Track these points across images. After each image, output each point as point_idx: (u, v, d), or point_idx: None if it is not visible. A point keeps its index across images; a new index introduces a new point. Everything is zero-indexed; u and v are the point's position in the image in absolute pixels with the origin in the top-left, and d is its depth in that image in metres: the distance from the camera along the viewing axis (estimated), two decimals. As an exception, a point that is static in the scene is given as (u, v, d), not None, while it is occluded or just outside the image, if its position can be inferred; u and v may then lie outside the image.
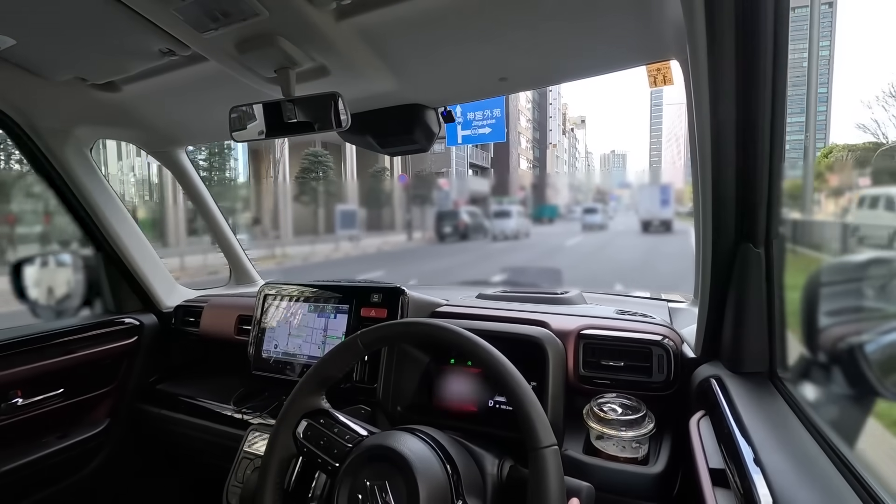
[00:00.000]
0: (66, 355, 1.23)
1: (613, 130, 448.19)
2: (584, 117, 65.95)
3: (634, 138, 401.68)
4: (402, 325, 0.70)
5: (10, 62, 0.92)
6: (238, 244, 1.72)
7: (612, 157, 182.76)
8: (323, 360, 0.69)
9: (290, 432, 0.67)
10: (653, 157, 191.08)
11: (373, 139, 1.16)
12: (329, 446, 0.65)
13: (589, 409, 0.85)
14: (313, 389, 0.69)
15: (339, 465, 0.63)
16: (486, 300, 1.29)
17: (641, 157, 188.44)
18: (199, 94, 1.08)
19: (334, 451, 0.64)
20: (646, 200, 20.49)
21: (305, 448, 0.66)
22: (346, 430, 0.66)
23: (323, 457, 0.65)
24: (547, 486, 0.52)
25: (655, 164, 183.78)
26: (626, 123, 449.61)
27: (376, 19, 0.76)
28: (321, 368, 0.69)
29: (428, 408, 0.95)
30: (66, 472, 1.25)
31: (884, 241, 1.24)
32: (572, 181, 42.31)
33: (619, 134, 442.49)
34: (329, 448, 0.65)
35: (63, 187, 1.27)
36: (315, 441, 0.66)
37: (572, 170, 55.57)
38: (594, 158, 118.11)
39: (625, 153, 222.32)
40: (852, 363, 0.70)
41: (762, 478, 0.50)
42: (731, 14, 0.56)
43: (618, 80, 31.43)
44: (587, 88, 33.26)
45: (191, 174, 1.53)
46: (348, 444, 0.64)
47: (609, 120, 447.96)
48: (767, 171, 0.64)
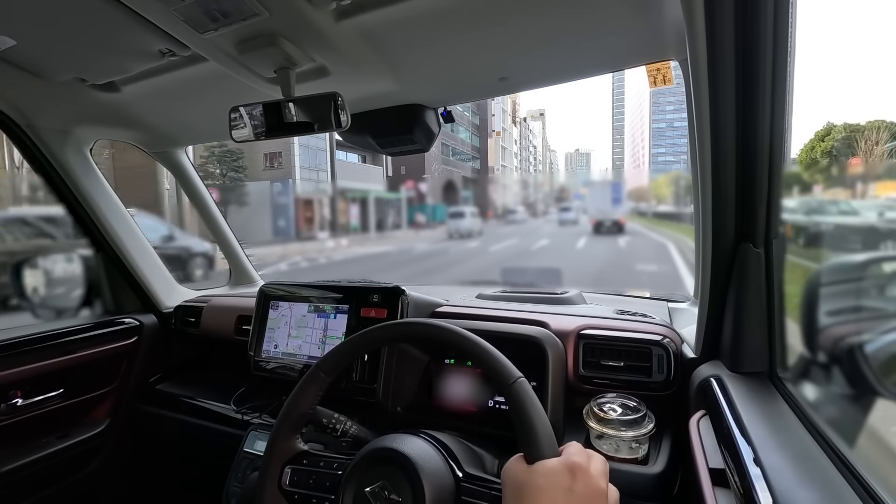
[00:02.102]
0: (65, 355, 1.23)
1: (577, 129, 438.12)
2: (543, 110, 64.28)
3: (598, 137, 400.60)
4: (357, 339, 0.67)
5: (10, 62, 0.92)
6: (238, 244, 1.72)
7: (576, 155, 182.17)
8: (289, 401, 0.66)
9: (275, 486, 0.64)
10: (616, 157, 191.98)
11: (373, 139, 1.16)
12: (320, 482, 0.64)
13: (589, 409, 0.85)
14: (288, 434, 0.66)
15: (341, 474, 0.62)
16: (485, 300, 1.29)
17: (605, 156, 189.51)
18: (198, 94, 1.08)
19: (326, 483, 0.63)
20: (597, 199, 19.56)
21: (296, 495, 0.64)
22: (333, 458, 0.65)
23: (317, 494, 0.64)
24: (528, 410, 0.54)
25: (618, 163, 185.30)
26: (590, 122, 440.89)
27: (376, 19, 0.76)
28: (290, 410, 0.66)
29: (428, 408, 0.95)
30: (66, 473, 1.25)
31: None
32: (524, 177, 39.85)
33: (582, 132, 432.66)
34: (321, 484, 0.64)
35: (63, 187, 1.27)
36: (304, 484, 0.64)
37: (525, 164, 52.34)
38: (558, 157, 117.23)
39: (589, 152, 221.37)
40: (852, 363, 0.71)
41: (762, 477, 0.50)
42: (731, 14, 0.56)
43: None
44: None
45: (191, 174, 1.53)
46: (338, 472, 0.63)
47: (573, 118, 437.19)
48: (767, 170, 0.64)
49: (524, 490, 0.48)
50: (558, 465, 0.49)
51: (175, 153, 1.47)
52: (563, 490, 0.47)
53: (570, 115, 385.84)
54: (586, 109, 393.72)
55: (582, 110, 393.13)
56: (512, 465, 0.52)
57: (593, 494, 0.48)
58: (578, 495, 0.47)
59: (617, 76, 31.28)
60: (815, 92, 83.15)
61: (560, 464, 0.49)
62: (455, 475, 0.61)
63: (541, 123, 65.77)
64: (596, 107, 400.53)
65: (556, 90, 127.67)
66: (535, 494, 0.47)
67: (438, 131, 1.19)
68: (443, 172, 25.91)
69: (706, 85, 0.61)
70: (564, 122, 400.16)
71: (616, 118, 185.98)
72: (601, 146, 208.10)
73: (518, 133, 48.06)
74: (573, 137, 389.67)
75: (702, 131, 0.65)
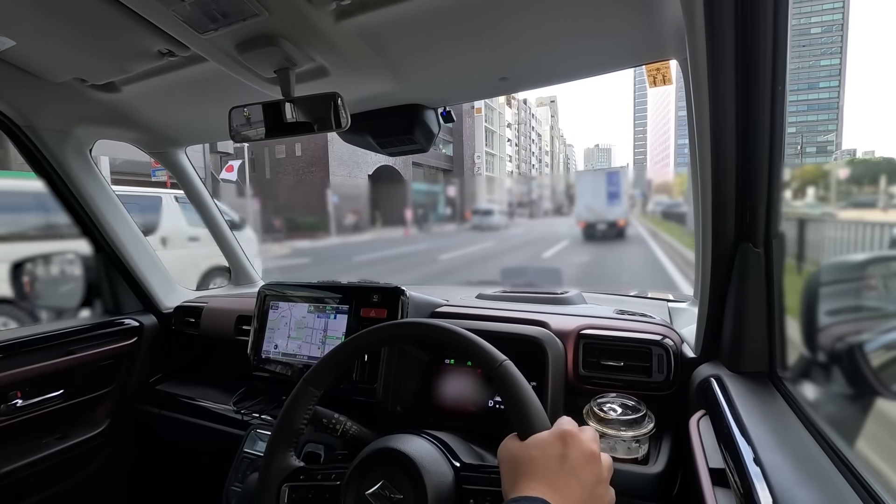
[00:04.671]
0: (65, 356, 1.23)
1: (598, 124, 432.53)
2: (555, 97, 60.57)
3: (619, 131, 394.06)
4: (342, 349, 0.68)
5: (9, 63, 0.92)
6: (238, 244, 1.72)
7: (596, 151, 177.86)
8: (280, 419, 0.66)
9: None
10: (637, 151, 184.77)
11: (372, 139, 1.16)
12: (319, 495, 0.63)
13: (589, 408, 0.85)
14: (283, 452, 0.66)
15: (340, 483, 0.62)
16: (485, 300, 1.29)
17: (626, 151, 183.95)
18: (198, 94, 1.08)
19: (326, 495, 0.63)
20: (587, 193, 13.52)
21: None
22: (330, 469, 0.65)
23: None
24: (516, 389, 0.56)
25: (640, 157, 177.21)
26: (611, 116, 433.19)
27: (376, 19, 0.76)
28: (282, 427, 0.66)
29: (427, 408, 0.95)
30: (66, 473, 1.25)
31: None
32: (522, 170, 33.34)
33: (603, 128, 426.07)
34: (320, 497, 0.63)
35: (62, 188, 1.27)
36: (303, 499, 0.64)
37: (527, 154, 44.29)
38: (576, 152, 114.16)
39: (610, 147, 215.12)
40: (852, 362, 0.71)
41: (762, 477, 0.50)
42: (731, 14, 0.56)
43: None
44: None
45: (191, 175, 1.53)
46: (336, 483, 0.63)
47: (593, 113, 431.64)
48: (767, 170, 0.64)
49: (520, 464, 0.50)
50: (549, 436, 0.51)
51: (175, 153, 1.47)
52: (556, 457, 0.49)
53: (590, 110, 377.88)
54: (607, 104, 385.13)
55: (602, 105, 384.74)
56: (506, 444, 0.53)
57: (586, 458, 0.49)
58: (572, 460, 0.48)
59: (638, 68, 30.54)
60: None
61: (551, 434, 0.51)
62: (454, 467, 0.61)
63: (549, 110, 58.94)
64: (617, 100, 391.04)
65: (575, 84, 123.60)
66: (530, 466, 0.49)
67: (438, 131, 1.19)
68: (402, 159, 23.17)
69: (706, 85, 0.61)
70: (584, 116, 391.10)
71: (638, 110, 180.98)
72: (622, 141, 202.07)
73: (515, 117, 38.55)
74: (593, 132, 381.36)
75: (702, 131, 0.65)
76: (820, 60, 57.97)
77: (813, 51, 55.28)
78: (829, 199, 2.91)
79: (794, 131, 52.36)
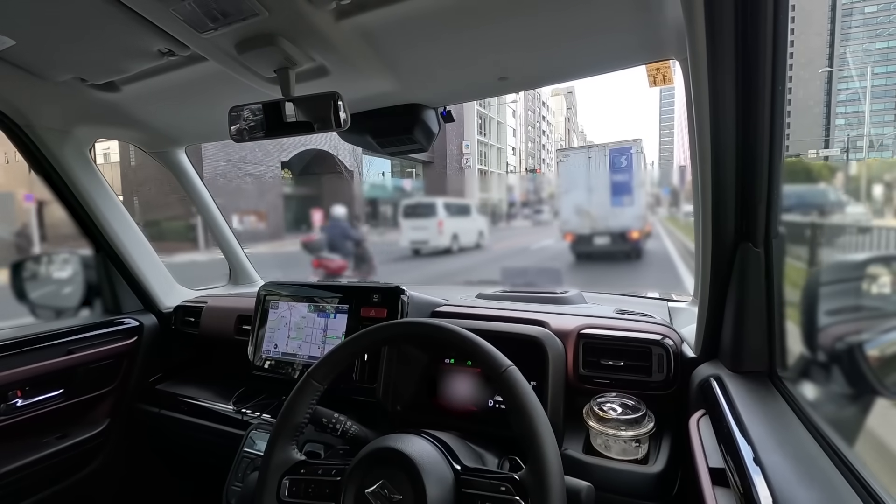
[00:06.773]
0: (65, 356, 1.23)
1: (622, 123, 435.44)
2: (573, 88, 57.04)
3: (645, 130, 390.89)
4: (346, 345, 0.69)
5: (9, 62, 0.92)
6: (238, 244, 1.72)
7: None
8: (283, 412, 0.67)
9: (274, 499, 0.64)
10: (663, 150, 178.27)
11: (372, 139, 1.16)
12: (319, 490, 0.64)
13: (589, 408, 0.85)
14: (285, 444, 0.67)
15: (340, 480, 0.62)
16: (485, 300, 1.29)
17: (652, 149, 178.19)
18: (198, 94, 1.08)
19: (326, 490, 0.63)
20: (577, 187, 8.42)
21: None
22: (330, 465, 0.65)
23: (317, 503, 0.64)
24: (521, 396, 0.57)
25: (666, 156, 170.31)
26: (636, 114, 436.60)
27: (376, 19, 0.76)
28: (284, 420, 0.67)
29: (428, 407, 0.95)
30: (66, 473, 1.25)
31: None
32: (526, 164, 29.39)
33: (628, 127, 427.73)
34: (320, 491, 0.64)
35: (62, 187, 1.27)
36: (303, 493, 0.64)
37: (536, 146, 38.34)
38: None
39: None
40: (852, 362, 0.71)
41: (762, 477, 0.50)
42: (731, 14, 0.56)
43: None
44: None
45: (191, 174, 1.53)
46: (337, 478, 0.63)
47: (617, 111, 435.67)
48: (767, 170, 0.64)
49: None
50: None
51: (175, 153, 1.47)
52: None
53: (611, 105, 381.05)
54: (629, 99, 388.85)
55: (624, 101, 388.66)
56: None
57: None
58: None
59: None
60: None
61: None
62: (454, 469, 0.61)
63: (563, 101, 53.47)
64: (643, 98, 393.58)
65: (596, 81, 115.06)
66: None
67: (438, 131, 1.19)
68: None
69: (706, 85, 0.61)
70: (606, 112, 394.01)
71: (664, 105, 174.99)
72: (648, 139, 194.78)
73: (518, 105, 33.50)
74: (615, 129, 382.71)
75: (702, 131, 0.65)
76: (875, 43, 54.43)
77: (868, 32, 51.73)
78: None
79: (842, 123, 49.43)
